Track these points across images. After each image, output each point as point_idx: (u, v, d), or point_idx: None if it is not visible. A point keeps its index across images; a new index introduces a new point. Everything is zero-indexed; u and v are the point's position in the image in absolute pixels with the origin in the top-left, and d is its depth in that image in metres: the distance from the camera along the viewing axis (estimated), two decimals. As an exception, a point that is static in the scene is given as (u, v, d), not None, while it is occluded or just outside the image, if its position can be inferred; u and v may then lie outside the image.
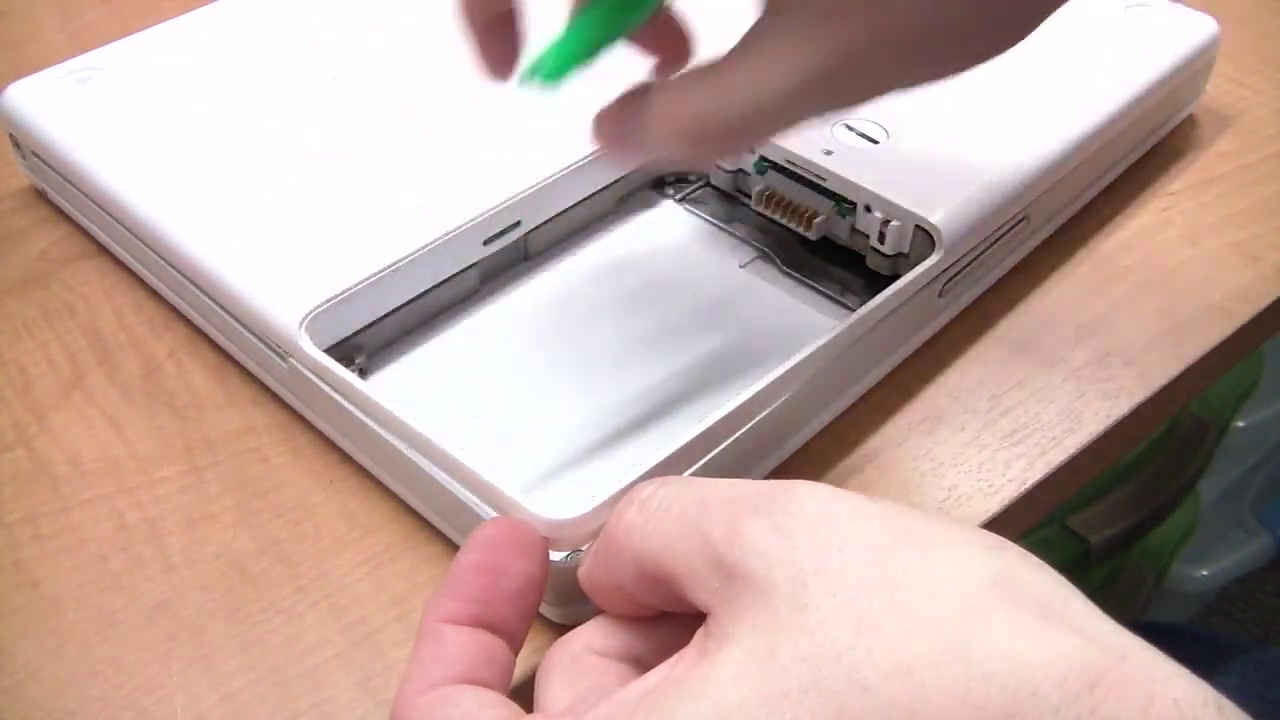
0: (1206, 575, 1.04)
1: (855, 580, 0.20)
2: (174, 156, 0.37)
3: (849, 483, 0.33)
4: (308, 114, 0.39)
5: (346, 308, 0.32)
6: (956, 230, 0.34)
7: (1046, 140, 0.37)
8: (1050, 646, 0.19)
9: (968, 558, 0.21)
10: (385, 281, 0.33)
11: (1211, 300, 0.38)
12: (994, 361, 0.36)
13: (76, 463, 0.33)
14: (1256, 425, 1.00)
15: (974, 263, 0.36)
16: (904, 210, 0.34)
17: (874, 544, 0.21)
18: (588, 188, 0.38)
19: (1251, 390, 0.86)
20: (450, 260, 0.35)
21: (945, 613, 0.20)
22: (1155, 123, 0.43)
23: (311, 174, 0.36)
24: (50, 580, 0.30)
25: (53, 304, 0.37)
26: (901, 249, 0.35)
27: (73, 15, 0.50)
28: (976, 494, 0.32)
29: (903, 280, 0.33)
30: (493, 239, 0.35)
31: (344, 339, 0.33)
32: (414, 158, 0.37)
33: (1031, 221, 0.38)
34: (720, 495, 0.22)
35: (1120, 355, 0.36)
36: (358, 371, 0.33)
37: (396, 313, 0.34)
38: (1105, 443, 0.34)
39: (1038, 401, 0.35)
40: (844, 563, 0.20)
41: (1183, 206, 0.42)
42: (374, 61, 0.41)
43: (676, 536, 0.22)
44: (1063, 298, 0.38)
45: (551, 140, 0.37)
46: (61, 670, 0.28)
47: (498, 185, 0.35)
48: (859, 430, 0.34)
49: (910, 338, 0.35)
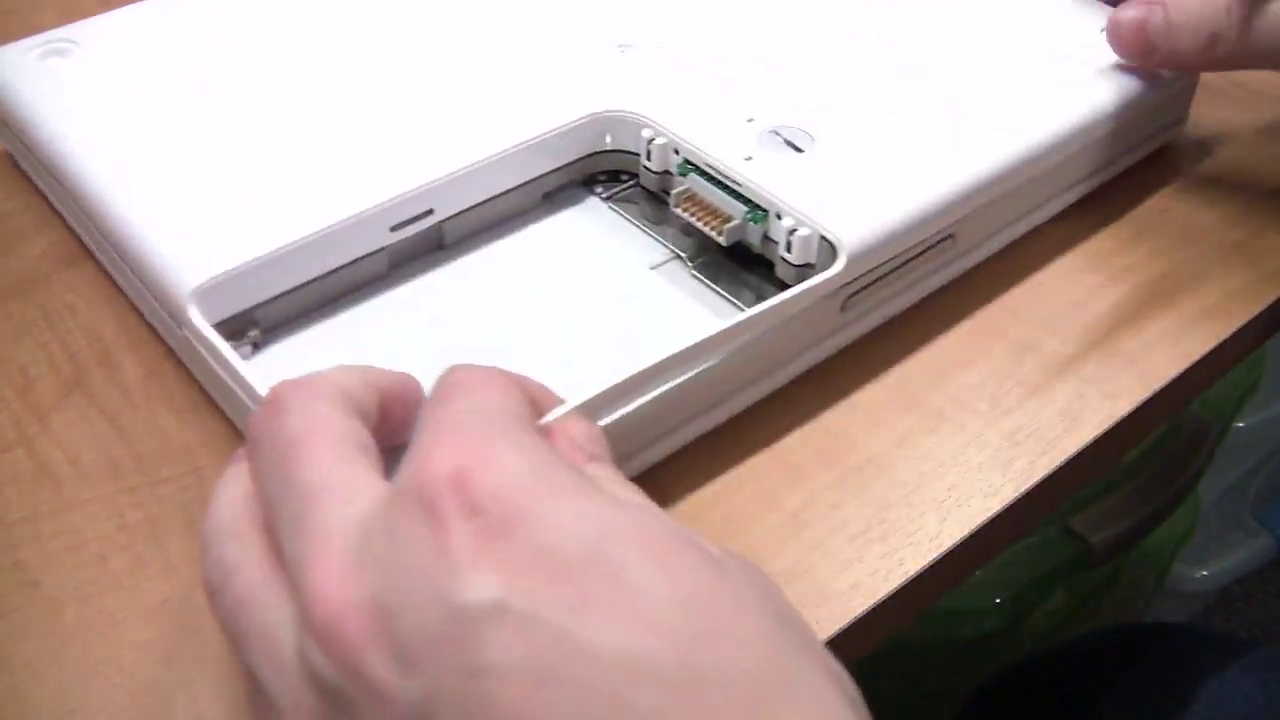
0: (1207, 575, 1.04)
1: None
2: (124, 129, 0.37)
3: (849, 482, 0.33)
4: (254, 93, 0.39)
5: (242, 282, 0.33)
6: (861, 244, 0.33)
7: (979, 159, 0.36)
8: None
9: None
10: (285, 259, 0.33)
11: (1211, 300, 0.38)
12: (994, 361, 0.36)
13: (77, 463, 0.33)
14: (1257, 425, 1.00)
15: (885, 279, 0.35)
16: (810, 220, 0.34)
17: None
18: (509, 180, 0.37)
19: (1252, 390, 0.86)
20: (356, 243, 0.35)
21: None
22: (1124, 145, 0.42)
23: (243, 150, 0.36)
24: (51, 580, 0.30)
25: (53, 304, 0.37)
26: (808, 259, 0.34)
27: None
28: (976, 494, 0.32)
29: (793, 290, 0.32)
30: (401, 225, 0.35)
31: (240, 312, 0.33)
32: (334, 140, 0.37)
33: (959, 241, 0.37)
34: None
35: (1120, 355, 0.36)
36: (250, 345, 0.34)
37: (299, 290, 0.34)
38: (1105, 443, 0.34)
39: (1038, 401, 0.35)
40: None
41: (1182, 207, 0.42)
42: (318, 42, 0.41)
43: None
44: (1063, 298, 0.38)
45: (472, 130, 0.37)
46: (61, 670, 0.28)
47: (410, 172, 0.35)
48: (859, 430, 0.34)
49: (809, 349, 0.35)
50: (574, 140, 0.38)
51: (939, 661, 0.73)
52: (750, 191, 0.35)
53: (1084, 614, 0.79)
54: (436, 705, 0.19)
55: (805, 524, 0.32)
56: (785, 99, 0.38)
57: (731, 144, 0.36)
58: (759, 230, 0.35)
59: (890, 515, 0.32)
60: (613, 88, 0.39)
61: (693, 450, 0.33)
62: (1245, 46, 0.36)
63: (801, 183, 0.35)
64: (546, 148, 0.37)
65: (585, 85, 0.39)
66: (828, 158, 0.36)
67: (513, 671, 0.19)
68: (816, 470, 0.33)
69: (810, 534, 0.31)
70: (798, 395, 0.35)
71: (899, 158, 0.36)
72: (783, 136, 0.37)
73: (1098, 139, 0.40)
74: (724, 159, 0.36)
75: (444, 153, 0.36)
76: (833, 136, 0.37)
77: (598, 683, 0.19)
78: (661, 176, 0.38)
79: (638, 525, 0.21)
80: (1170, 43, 0.37)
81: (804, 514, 0.32)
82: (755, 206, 0.35)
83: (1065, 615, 0.77)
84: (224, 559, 0.24)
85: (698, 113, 0.38)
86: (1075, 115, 0.38)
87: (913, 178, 0.35)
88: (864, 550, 0.31)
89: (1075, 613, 0.78)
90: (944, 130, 0.38)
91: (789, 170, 0.35)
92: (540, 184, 0.38)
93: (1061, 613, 0.77)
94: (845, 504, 0.32)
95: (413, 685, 0.20)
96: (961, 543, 0.31)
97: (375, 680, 0.20)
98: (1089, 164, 0.41)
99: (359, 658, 0.20)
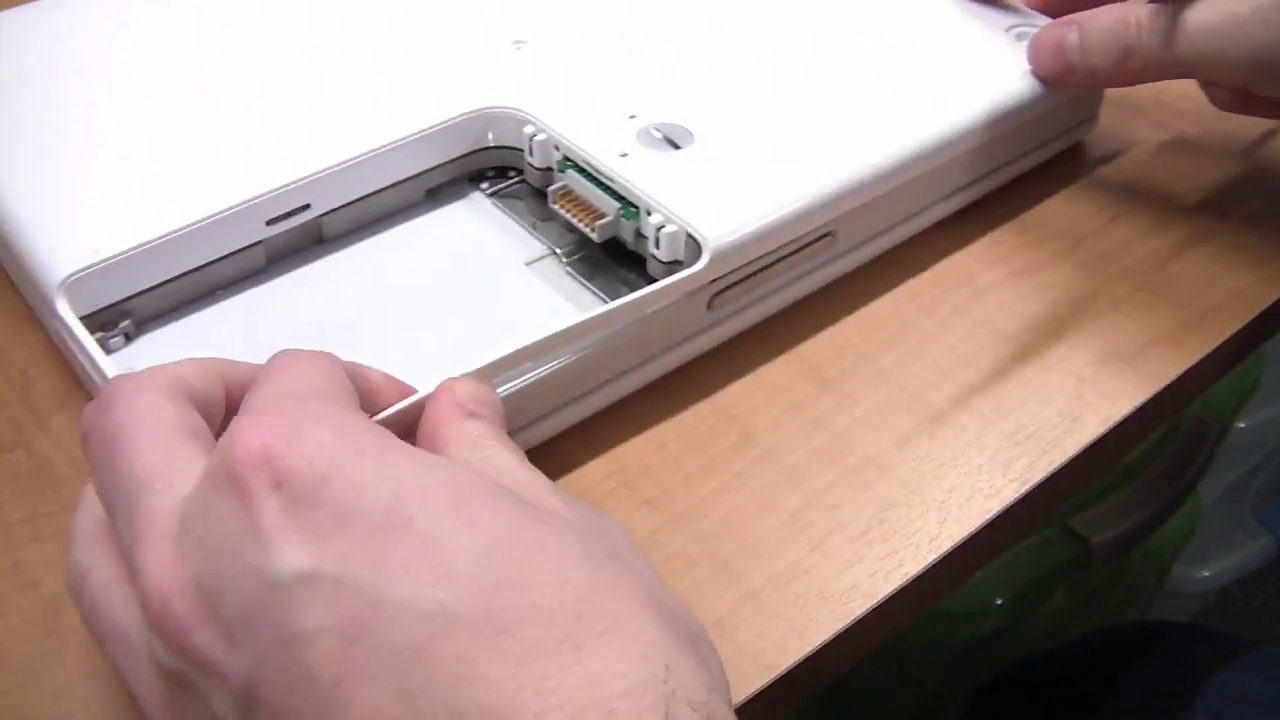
0: (1207, 576, 1.04)
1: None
2: (17, 123, 0.37)
3: (849, 483, 0.33)
4: (131, 85, 0.39)
5: (114, 274, 0.33)
6: (727, 241, 0.33)
7: (859, 157, 0.36)
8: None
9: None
10: (158, 252, 0.33)
11: (1212, 301, 0.38)
12: (994, 362, 0.36)
13: (77, 464, 0.33)
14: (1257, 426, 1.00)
15: (755, 276, 0.35)
16: (678, 217, 0.34)
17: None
18: (389, 176, 0.37)
19: (1252, 391, 0.86)
20: (230, 237, 0.35)
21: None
22: (1026, 145, 0.42)
23: (119, 142, 0.36)
24: (50, 581, 0.30)
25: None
26: (676, 256, 0.34)
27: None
28: (977, 495, 0.32)
29: (653, 287, 0.32)
30: (277, 220, 0.35)
31: (111, 304, 0.33)
32: (213, 132, 0.37)
33: (839, 239, 0.37)
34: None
35: (1120, 355, 0.36)
36: (123, 337, 0.34)
37: (173, 283, 0.34)
38: (1106, 443, 0.34)
39: (1038, 402, 0.35)
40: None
41: (1182, 207, 0.42)
42: (199, 34, 0.41)
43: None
44: (1063, 298, 0.38)
45: (354, 125, 0.37)
46: (61, 672, 0.28)
47: (287, 166, 0.35)
48: (859, 430, 0.34)
49: (676, 347, 0.35)
50: (456, 137, 0.38)
51: (939, 661, 0.72)
52: (623, 188, 0.35)
53: (1084, 614, 0.79)
54: (260, 675, 0.20)
55: (805, 525, 0.32)
56: (669, 96, 0.38)
57: (609, 140, 0.36)
58: (632, 227, 0.35)
59: (890, 516, 0.32)
60: (501, 84, 0.39)
61: (590, 432, 0.33)
62: (1159, 59, 0.37)
63: (674, 179, 0.35)
64: (427, 144, 0.37)
65: (473, 81, 0.39)
66: (705, 155, 0.36)
67: (324, 635, 0.20)
68: (816, 471, 0.33)
69: (810, 535, 0.31)
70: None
71: (778, 155, 0.36)
72: (661, 133, 0.37)
73: (994, 139, 0.39)
74: (599, 155, 0.36)
75: (323, 147, 0.36)
76: (713, 134, 0.37)
77: (406, 637, 0.20)
78: (544, 173, 0.38)
79: (440, 481, 0.22)
80: (1087, 61, 0.38)
81: (804, 515, 0.32)
82: (628, 203, 0.35)
83: (1065, 615, 0.77)
84: (77, 565, 0.24)
85: (580, 109, 0.38)
86: (968, 114, 0.38)
87: (788, 175, 0.35)
88: (864, 551, 0.31)
89: (1075, 613, 0.78)
90: (827, 127, 0.37)
91: (663, 167, 0.35)
92: (423, 180, 0.38)
93: (1061, 613, 0.77)
94: (845, 505, 0.32)
95: (238, 658, 0.21)
96: (961, 543, 0.31)
97: (206, 658, 0.21)
98: (987, 163, 0.40)
99: (189, 638, 0.21)
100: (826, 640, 0.29)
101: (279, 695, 0.20)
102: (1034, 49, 0.39)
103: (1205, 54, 0.36)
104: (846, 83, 0.39)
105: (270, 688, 0.20)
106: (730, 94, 0.39)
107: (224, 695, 0.21)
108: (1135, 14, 0.37)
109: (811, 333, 0.37)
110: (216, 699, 0.21)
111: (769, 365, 0.36)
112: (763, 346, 0.36)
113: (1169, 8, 0.36)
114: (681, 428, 0.34)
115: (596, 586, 0.21)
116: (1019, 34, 0.41)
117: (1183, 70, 0.37)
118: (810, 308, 0.38)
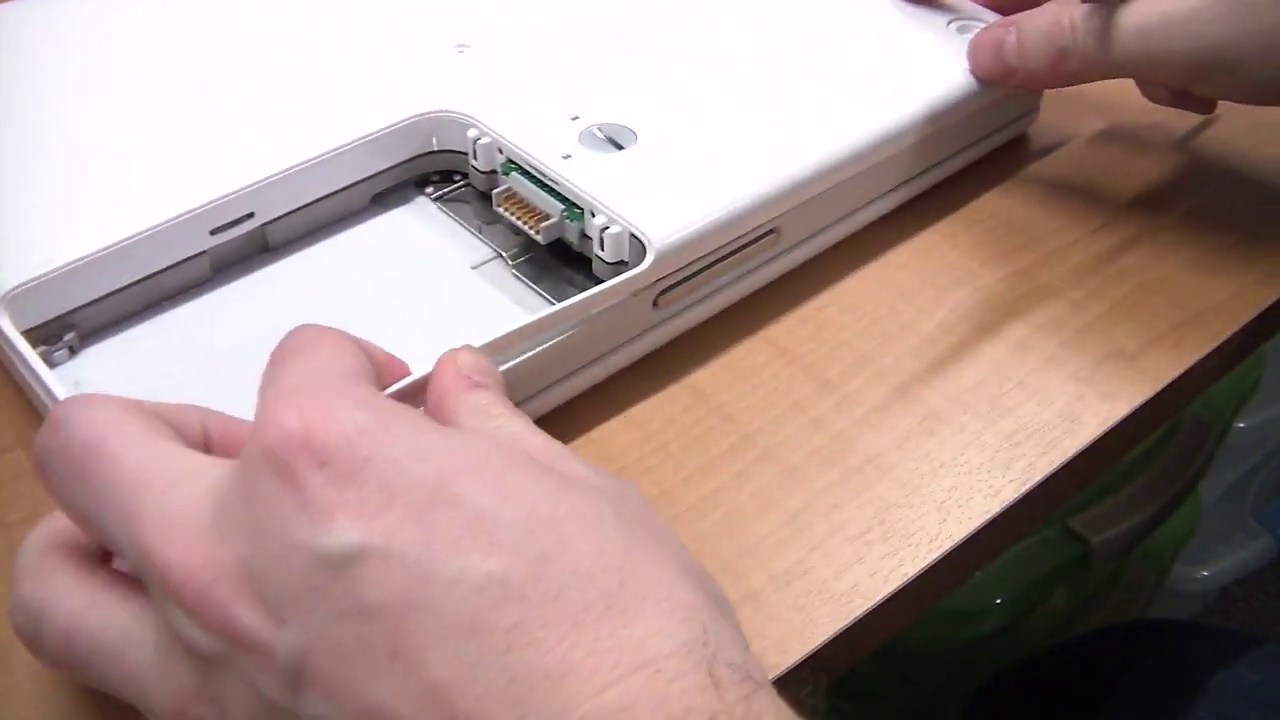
0: (1207, 576, 1.04)
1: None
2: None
3: (849, 484, 0.33)
4: (71, 95, 0.38)
5: (56, 287, 0.32)
6: (671, 241, 0.33)
7: (803, 154, 0.36)
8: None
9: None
10: (101, 264, 0.33)
11: (1212, 301, 0.38)
12: (994, 362, 0.36)
13: (76, 464, 0.33)
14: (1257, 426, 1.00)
15: (699, 275, 0.35)
16: (621, 217, 0.34)
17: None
18: (333, 183, 0.37)
19: (1252, 391, 0.86)
20: (174, 247, 0.34)
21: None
22: (968, 139, 0.42)
23: (60, 153, 0.36)
24: (50, 581, 0.30)
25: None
26: (621, 256, 0.34)
27: None
28: (977, 495, 0.32)
29: (599, 288, 0.32)
30: (221, 229, 0.35)
31: (55, 317, 0.33)
32: (155, 142, 0.36)
33: (783, 236, 0.37)
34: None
35: (1120, 355, 0.36)
36: (67, 350, 0.33)
37: (117, 295, 0.34)
38: (1106, 443, 0.34)
39: (1038, 402, 0.35)
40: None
41: (1183, 207, 0.42)
42: (139, 42, 0.41)
43: None
44: (1063, 298, 0.38)
45: (296, 132, 0.37)
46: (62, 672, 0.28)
47: (230, 175, 0.35)
48: (859, 431, 0.34)
49: (623, 347, 0.35)
50: (400, 141, 0.38)
51: (939, 661, 0.72)
52: (566, 189, 0.35)
53: (1084, 614, 0.79)
54: (312, 650, 0.21)
55: (805, 525, 0.32)
56: (612, 97, 0.38)
57: (552, 142, 0.36)
58: (576, 228, 0.35)
59: (890, 516, 0.32)
60: (444, 88, 0.39)
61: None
62: (1095, 60, 0.37)
63: (617, 180, 0.35)
64: (371, 149, 0.37)
65: (416, 86, 0.39)
66: (648, 155, 0.36)
67: (381, 608, 0.20)
68: (816, 472, 0.33)
69: (810, 535, 0.31)
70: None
71: (720, 154, 0.36)
72: (604, 134, 0.37)
73: (937, 133, 0.39)
74: (542, 157, 0.35)
75: (266, 155, 0.36)
76: (656, 134, 0.37)
77: (460, 608, 0.20)
78: (489, 176, 0.38)
79: (477, 455, 0.22)
80: (1024, 62, 0.38)
81: (804, 515, 0.32)
82: (572, 205, 0.35)
83: (1065, 615, 0.77)
84: (32, 601, 0.24)
85: (522, 112, 0.37)
86: (910, 109, 0.38)
87: (731, 174, 0.35)
88: (864, 551, 0.31)
89: (1075, 613, 0.78)
90: (770, 125, 0.37)
91: (607, 168, 0.35)
92: (369, 185, 0.38)
93: (1062, 613, 0.77)
94: (845, 505, 0.32)
95: (288, 635, 0.21)
96: (961, 543, 0.31)
97: (254, 639, 0.21)
98: (930, 158, 0.40)
99: (235, 621, 0.21)
100: (826, 640, 0.29)
101: (333, 669, 0.21)
102: (973, 50, 0.39)
103: (1140, 56, 0.36)
104: (789, 80, 0.39)
105: (324, 662, 0.21)
106: (672, 94, 0.39)
107: (271, 675, 0.21)
108: (1070, 15, 0.37)
109: (806, 332, 0.37)
110: (263, 679, 0.21)
111: (770, 366, 0.36)
112: (763, 347, 0.37)
113: (1103, 8, 0.36)
114: (681, 428, 0.34)
115: (632, 552, 0.22)
116: (960, 27, 0.42)
117: (1119, 71, 0.37)
118: (811, 307, 0.38)
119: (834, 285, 0.39)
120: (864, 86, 0.39)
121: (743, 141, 0.37)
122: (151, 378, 0.33)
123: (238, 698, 0.22)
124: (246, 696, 0.22)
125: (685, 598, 0.22)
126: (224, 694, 0.22)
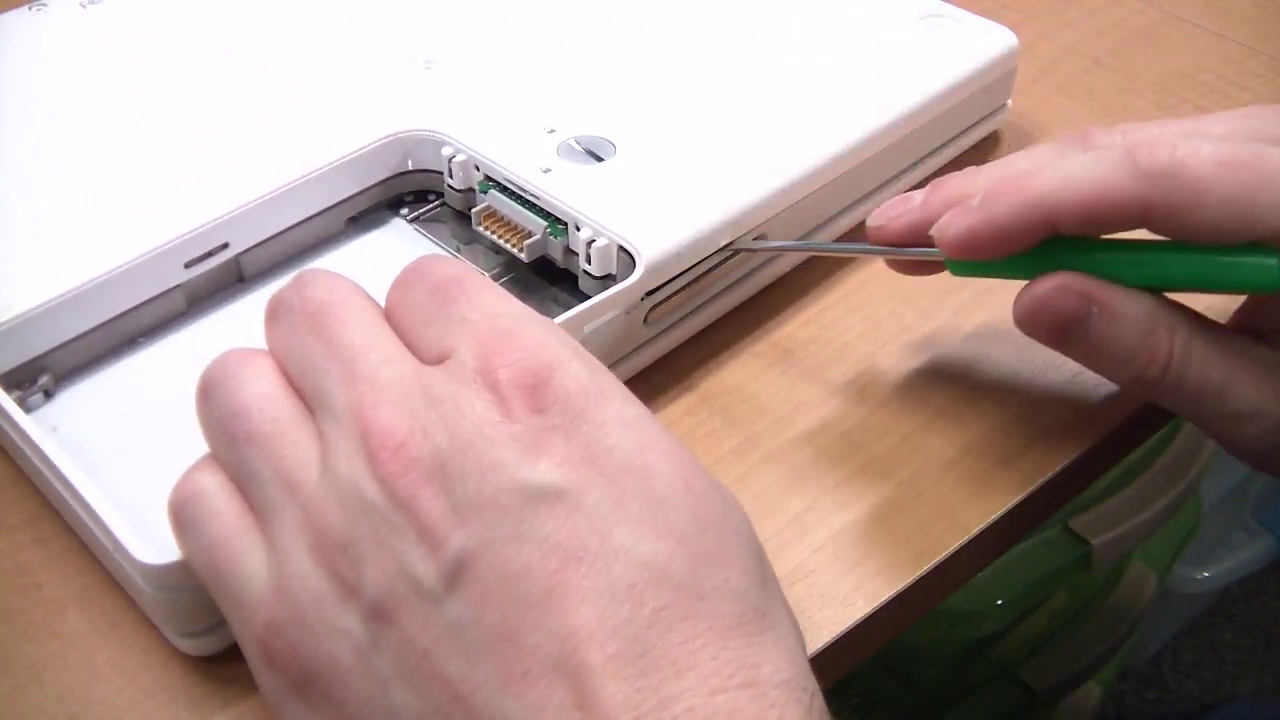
0: (1208, 577, 1.04)
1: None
2: None
3: (852, 486, 0.33)
4: (36, 131, 0.38)
5: (27, 331, 0.32)
6: (661, 251, 0.33)
7: (787, 158, 0.36)
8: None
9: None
10: (72, 304, 0.32)
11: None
12: (995, 363, 0.36)
13: (79, 466, 0.33)
14: (1258, 426, 1.00)
15: (689, 287, 0.35)
16: (607, 230, 0.33)
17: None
18: (307, 208, 0.36)
19: (1253, 391, 0.86)
20: (148, 283, 0.34)
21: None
22: (947, 134, 0.41)
23: (26, 192, 0.35)
24: (53, 583, 0.30)
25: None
26: (609, 270, 0.34)
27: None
28: (981, 495, 0.32)
29: (588, 303, 0.32)
30: (196, 261, 0.34)
31: (29, 360, 0.32)
32: (123, 176, 0.36)
33: (772, 242, 0.36)
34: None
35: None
36: (42, 394, 0.33)
37: (91, 334, 0.33)
38: (1107, 445, 0.34)
39: (1039, 403, 0.35)
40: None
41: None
42: (105, 76, 0.40)
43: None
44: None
45: (267, 159, 0.36)
46: (64, 674, 0.28)
47: (202, 206, 0.34)
48: (861, 433, 0.34)
49: (614, 367, 0.34)
50: (373, 163, 0.37)
51: (939, 661, 0.72)
52: (548, 204, 0.34)
53: (1085, 615, 0.79)
54: (480, 557, 0.22)
55: (808, 527, 0.32)
56: (588, 108, 0.38)
57: (530, 157, 0.35)
58: (561, 244, 0.35)
59: (893, 518, 0.32)
60: (414, 106, 0.38)
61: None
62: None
63: (600, 192, 0.34)
64: (344, 172, 0.36)
65: (386, 105, 0.38)
66: (630, 165, 0.35)
67: (556, 547, 0.22)
68: (819, 473, 0.33)
69: (813, 537, 0.31)
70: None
71: (705, 162, 0.36)
72: (583, 146, 0.36)
73: (916, 131, 0.39)
74: (521, 172, 0.35)
75: (237, 183, 0.35)
76: (636, 144, 0.36)
77: (623, 573, 0.22)
78: (466, 194, 0.37)
79: (667, 438, 0.24)
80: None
81: (806, 517, 0.32)
82: (554, 220, 0.35)
83: (1066, 617, 0.77)
84: (231, 364, 0.27)
85: (497, 127, 0.37)
86: (890, 109, 0.38)
87: (715, 181, 0.35)
88: (867, 554, 0.31)
89: (1076, 614, 0.78)
90: (752, 132, 0.37)
91: (588, 180, 0.35)
92: (342, 210, 0.37)
93: (1062, 614, 0.77)
94: (848, 507, 0.32)
95: (461, 534, 0.22)
96: (963, 545, 0.31)
97: (429, 520, 0.23)
98: (910, 156, 0.40)
99: (418, 496, 0.23)
100: (828, 642, 0.29)
101: (492, 582, 0.22)
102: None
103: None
104: (766, 85, 0.39)
105: (487, 571, 0.22)
106: (649, 102, 0.38)
107: (432, 562, 0.22)
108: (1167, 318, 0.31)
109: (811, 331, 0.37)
110: (422, 564, 0.22)
111: (773, 368, 0.36)
112: (766, 349, 0.37)
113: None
114: (683, 430, 0.34)
115: (767, 583, 0.24)
116: (931, 24, 0.41)
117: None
118: (813, 309, 0.38)
119: (837, 287, 0.39)
120: (840, 88, 0.39)
121: (724, 147, 0.36)
122: (131, 419, 0.32)
123: (379, 560, 0.23)
124: (391, 564, 0.23)
125: (795, 642, 0.23)
126: (364, 552, 0.23)
